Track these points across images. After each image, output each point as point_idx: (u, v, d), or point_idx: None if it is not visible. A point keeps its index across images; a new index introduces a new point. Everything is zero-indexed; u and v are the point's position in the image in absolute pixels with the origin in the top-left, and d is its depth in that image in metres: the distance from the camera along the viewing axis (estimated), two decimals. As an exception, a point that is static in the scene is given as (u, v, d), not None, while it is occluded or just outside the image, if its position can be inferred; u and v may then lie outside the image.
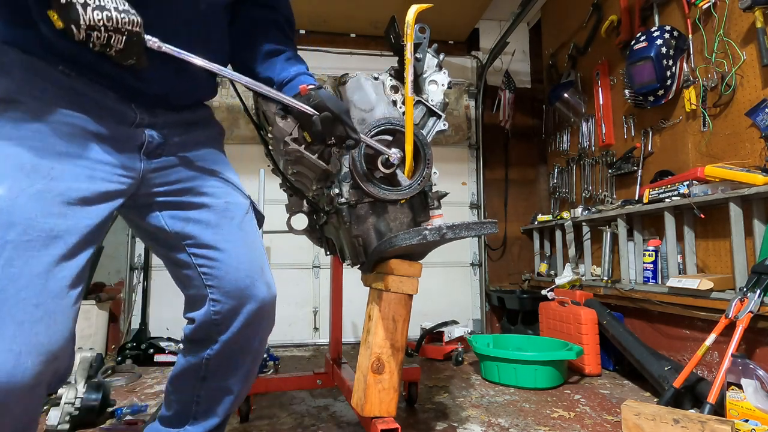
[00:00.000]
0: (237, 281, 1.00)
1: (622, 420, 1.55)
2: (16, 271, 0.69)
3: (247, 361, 1.07)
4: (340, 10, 3.41)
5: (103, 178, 0.84)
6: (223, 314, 0.99)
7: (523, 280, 3.69)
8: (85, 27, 0.71)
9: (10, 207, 0.71)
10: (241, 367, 1.06)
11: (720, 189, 1.91)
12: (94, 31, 0.72)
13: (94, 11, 0.71)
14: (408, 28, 1.23)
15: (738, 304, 1.68)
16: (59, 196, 0.77)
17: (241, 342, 1.03)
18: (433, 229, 1.14)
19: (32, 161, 0.76)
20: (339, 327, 2.07)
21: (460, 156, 3.84)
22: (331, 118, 1.03)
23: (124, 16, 0.74)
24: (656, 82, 2.25)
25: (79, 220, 0.79)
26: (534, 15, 3.83)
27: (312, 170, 1.45)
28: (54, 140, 0.79)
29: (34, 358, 0.68)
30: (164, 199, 0.98)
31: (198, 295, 1.01)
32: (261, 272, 1.05)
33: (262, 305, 1.03)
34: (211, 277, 0.99)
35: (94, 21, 0.72)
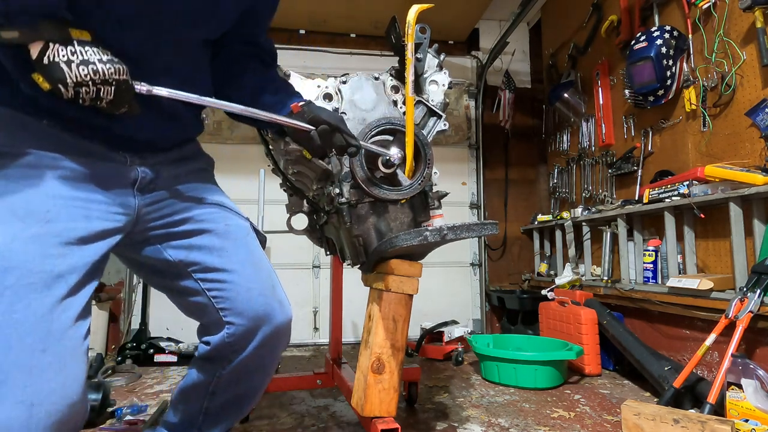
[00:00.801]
0: (250, 301, 0.98)
1: (622, 420, 1.55)
2: (18, 317, 0.67)
3: (259, 378, 1.06)
4: (340, 10, 3.41)
5: (99, 217, 0.83)
6: (239, 336, 0.98)
7: (523, 280, 3.69)
8: (72, 84, 0.70)
9: (5, 252, 0.70)
10: (252, 384, 1.06)
11: (720, 189, 1.91)
12: (83, 86, 0.71)
13: (80, 67, 0.70)
14: (409, 28, 1.24)
15: (738, 304, 1.68)
16: (57, 237, 0.75)
17: (255, 361, 1.02)
18: (434, 230, 1.14)
19: (25, 206, 0.74)
20: (339, 327, 2.07)
21: (460, 156, 3.84)
22: (329, 130, 1.03)
23: (109, 67, 0.73)
24: (656, 82, 2.25)
25: (79, 258, 0.77)
26: (534, 15, 3.83)
27: (312, 170, 1.45)
28: (46, 184, 0.78)
29: (48, 407, 0.65)
30: (162, 232, 0.96)
31: (212, 321, 0.99)
32: (273, 290, 1.03)
33: (278, 327, 1.02)
34: (223, 299, 0.97)
35: (81, 77, 0.70)
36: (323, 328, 3.46)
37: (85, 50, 0.72)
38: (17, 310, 0.67)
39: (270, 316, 1.00)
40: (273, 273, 1.07)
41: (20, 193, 0.75)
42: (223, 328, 0.97)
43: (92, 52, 0.72)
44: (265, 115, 0.99)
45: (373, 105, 1.37)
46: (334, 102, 1.36)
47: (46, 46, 0.69)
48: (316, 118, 1.03)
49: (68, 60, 0.70)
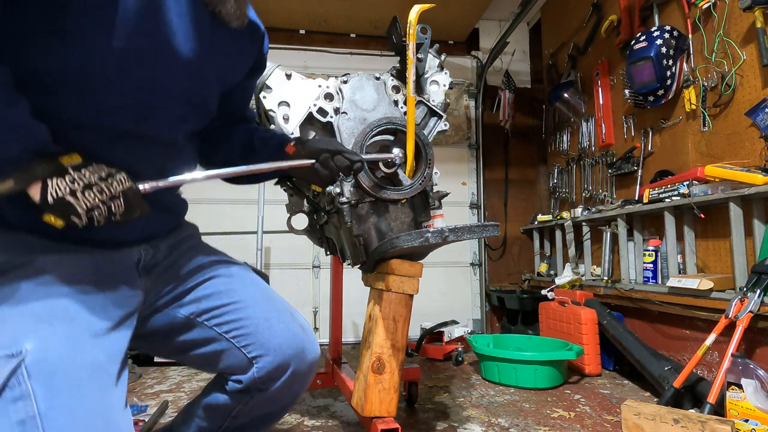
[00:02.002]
0: (270, 330, 0.96)
1: (622, 420, 1.55)
2: (80, 414, 0.67)
3: (286, 401, 1.04)
4: (340, 10, 3.41)
5: (115, 304, 0.82)
6: (270, 369, 0.95)
7: (523, 280, 3.69)
8: (84, 212, 0.69)
9: (44, 357, 0.68)
10: (276, 408, 1.04)
11: (720, 189, 1.91)
12: (94, 210, 0.70)
13: (85, 193, 0.69)
14: (410, 28, 1.24)
15: (738, 304, 1.68)
16: (85, 331, 0.74)
17: (284, 391, 1.00)
18: (435, 232, 1.14)
19: (46, 310, 0.73)
20: (339, 327, 2.07)
21: (460, 156, 3.84)
22: (329, 156, 1.03)
23: (111, 181, 0.72)
24: (656, 82, 2.25)
25: (111, 346, 0.77)
26: (534, 15, 3.83)
27: (313, 170, 1.45)
28: (58, 285, 0.76)
29: None
30: (169, 298, 0.95)
31: (238, 363, 0.95)
32: (292, 317, 1.01)
33: (311, 361, 1.00)
34: (243, 336, 0.95)
35: (90, 203, 0.69)
36: (323, 328, 3.46)
37: (83, 174, 0.70)
38: (76, 408, 0.67)
39: (296, 343, 0.98)
40: (286, 302, 1.05)
41: (37, 299, 0.73)
42: (253, 365, 0.95)
43: (90, 173, 0.71)
44: (268, 167, 0.98)
45: (374, 105, 1.37)
46: (335, 102, 1.36)
47: (45, 185, 0.67)
48: (314, 150, 1.03)
49: (71, 190, 0.68)
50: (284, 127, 1.32)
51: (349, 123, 1.34)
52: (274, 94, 1.34)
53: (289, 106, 1.35)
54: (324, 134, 1.37)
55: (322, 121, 1.35)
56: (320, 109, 1.35)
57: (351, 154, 1.05)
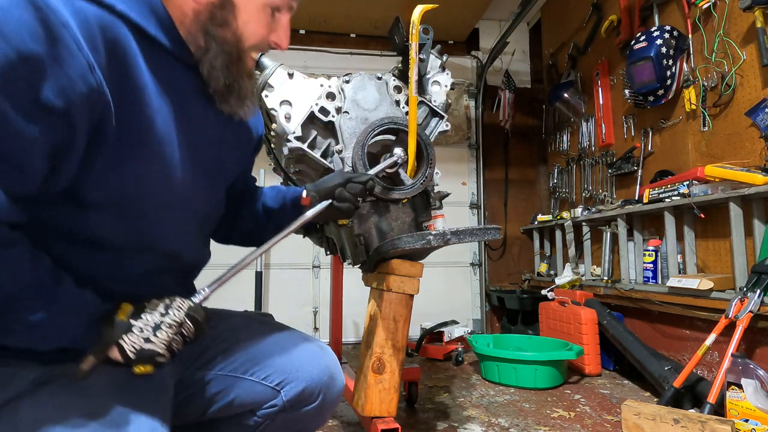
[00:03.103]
0: (289, 357, 0.94)
1: (622, 420, 1.55)
2: None
3: (314, 424, 1.01)
4: (340, 10, 3.41)
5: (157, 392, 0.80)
6: (298, 392, 0.93)
7: (523, 280, 3.69)
8: (164, 349, 0.71)
9: None
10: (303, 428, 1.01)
11: (720, 189, 1.91)
12: (171, 343, 0.72)
13: (157, 334, 0.70)
14: (413, 28, 1.24)
15: (738, 303, 1.68)
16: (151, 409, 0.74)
17: (314, 413, 0.97)
18: (437, 234, 1.15)
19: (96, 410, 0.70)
20: (339, 327, 2.08)
21: (460, 156, 3.84)
22: (342, 188, 1.05)
23: (173, 312, 0.73)
24: (656, 82, 2.25)
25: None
26: (534, 15, 3.83)
27: (314, 169, 1.45)
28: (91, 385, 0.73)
29: None
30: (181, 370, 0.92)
31: (263, 396, 0.92)
32: (307, 340, 0.99)
33: (339, 381, 0.98)
34: (261, 369, 0.92)
35: (166, 340, 0.71)
36: (323, 328, 3.46)
37: (146, 320, 0.71)
38: None
39: (318, 363, 0.96)
40: (300, 331, 1.04)
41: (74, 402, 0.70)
42: (279, 393, 0.92)
43: (150, 314, 0.72)
44: (296, 226, 0.99)
45: (375, 105, 1.37)
46: (336, 101, 1.36)
47: (120, 346, 0.69)
48: (326, 189, 1.05)
49: (146, 338, 0.70)
50: (286, 126, 1.32)
51: (350, 122, 1.34)
52: (276, 93, 1.34)
53: (290, 105, 1.35)
54: (325, 133, 1.37)
55: (324, 121, 1.35)
56: (322, 108, 1.34)
57: (359, 176, 1.07)
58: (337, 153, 1.32)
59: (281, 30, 0.84)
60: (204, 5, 0.75)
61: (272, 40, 0.84)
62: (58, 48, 0.58)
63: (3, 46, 0.55)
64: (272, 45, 0.85)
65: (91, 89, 0.61)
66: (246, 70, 0.83)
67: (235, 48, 0.79)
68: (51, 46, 0.57)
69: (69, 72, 0.59)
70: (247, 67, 0.84)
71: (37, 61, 0.57)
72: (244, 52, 0.81)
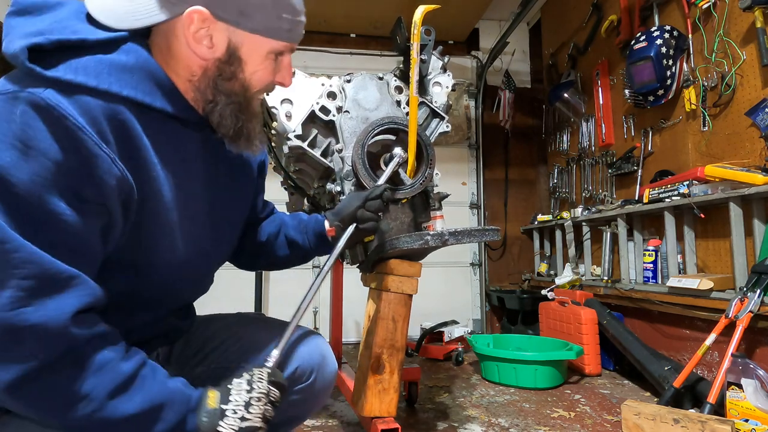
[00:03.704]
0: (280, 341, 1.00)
1: (622, 420, 1.55)
2: None
3: (309, 405, 1.04)
4: (340, 10, 3.41)
5: None
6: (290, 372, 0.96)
7: (523, 280, 3.69)
8: (260, 422, 0.74)
9: None
10: (298, 412, 1.04)
11: (720, 189, 1.91)
12: (264, 413, 0.75)
13: (250, 409, 0.73)
14: (415, 29, 1.24)
15: (738, 303, 1.68)
16: None
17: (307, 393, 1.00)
18: (435, 235, 1.15)
19: None
20: (339, 327, 2.07)
21: (460, 156, 3.84)
22: (361, 207, 1.09)
23: (256, 386, 0.75)
24: (656, 81, 2.25)
25: None
26: (534, 15, 3.83)
27: (314, 168, 1.45)
28: None
29: None
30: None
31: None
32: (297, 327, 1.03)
33: (330, 369, 1.02)
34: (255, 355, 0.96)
35: (259, 415, 0.73)
36: (323, 328, 3.46)
37: (236, 402, 0.74)
38: None
39: (311, 344, 1.00)
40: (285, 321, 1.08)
41: None
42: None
43: (236, 394, 0.74)
44: (333, 262, 1.04)
45: (376, 104, 1.37)
46: (337, 100, 1.36)
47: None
48: (348, 215, 1.09)
49: (241, 417, 0.72)
50: (286, 125, 1.32)
51: (351, 122, 1.34)
52: (277, 91, 1.34)
53: (292, 103, 1.35)
54: (326, 132, 1.37)
55: (324, 120, 1.35)
56: (323, 107, 1.35)
57: (373, 191, 1.11)
58: (337, 152, 1.32)
59: (284, 71, 0.87)
60: (212, 61, 0.78)
61: (277, 81, 0.88)
62: (84, 153, 0.65)
63: (42, 160, 0.63)
64: (277, 85, 0.89)
65: (118, 178, 0.69)
66: (254, 114, 0.86)
67: (243, 96, 0.82)
68: (77, 152, 0.65)
69: (98, 171, 0.66)
70: (255, 111, 0.87)
71: (72, 168, 0.65)
72: (251, 98, 0.84)
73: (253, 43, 0.79)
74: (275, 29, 0.79)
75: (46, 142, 0.63)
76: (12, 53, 0.64)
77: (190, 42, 0.75)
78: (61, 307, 0.64)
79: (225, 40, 0.77)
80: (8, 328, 0.61)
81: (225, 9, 0.75)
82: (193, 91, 0.80)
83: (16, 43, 0.65)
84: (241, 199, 1.01)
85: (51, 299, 0.63)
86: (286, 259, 1.15)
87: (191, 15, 0.73)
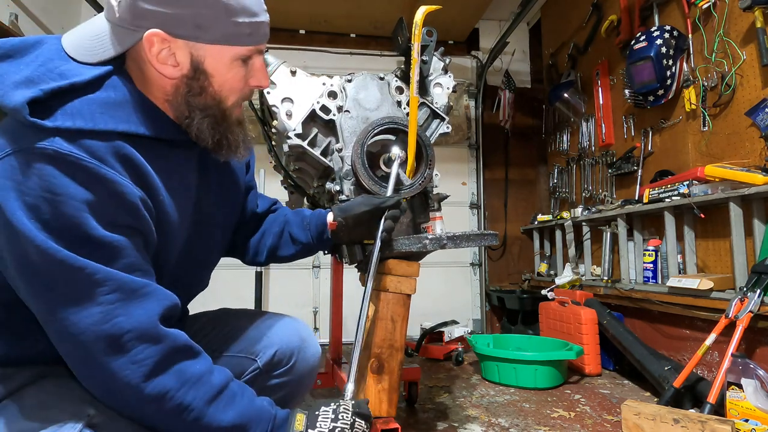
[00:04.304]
0: (259, 329, 1.03)
1: (622, 420, 1.55)
2: None
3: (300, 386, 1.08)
4: (340, 10, 3.41)
5: None
6: (272, 356, 1.01)
7: (523, 280, 3.69)
8: None
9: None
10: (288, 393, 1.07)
11: (720, 189, 1.91)
12: None
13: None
14: (416, 29, 1.24)
15: (738, 303, 1.68)
16: None
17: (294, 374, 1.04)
18: (433, 239, 1.16)
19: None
20: (339, 327, 2.07)
21: (460, 156, 3.84)
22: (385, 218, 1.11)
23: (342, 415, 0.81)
24: (656, 81, 2.25)
25: None
26: (534, 15, 3.83)
27: (314, 167, 1.45)
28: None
29: None
30: None
31: (240, 369, 1.00)
32: (277, 315, 1.08)
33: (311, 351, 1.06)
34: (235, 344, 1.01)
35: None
36: (323, 328, 3.46)
37: (320, 426, 0.79)
38: None
39: (291, 330, 1.04)
40: (268, 311, 1.13)
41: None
42: (255, 361, 1.00)
43: (323, 421, 0.79)
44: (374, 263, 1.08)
45: (377, 104, 1.37)
46: (338, 100, 1.36)
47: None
48: (352, 215, 1.11)
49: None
50: (287, 123, 1.32)
51: (351, 122, 1.34)
52: (278, 90, 1.34)
53: (292, 102, 1.35)
54: (326, 131, 1.37)
55: (325, 119, 1.35)
56: (323, 106, 1.35)
57: (387, 201, 1.12)
58: (337, 151, 1.32)
59: (258, 73, 0.88)
60: (180, 79, 0.80)
61: (253, 85, 0.88)
62: (107, 185, 0.71)
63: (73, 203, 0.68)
64: (254, 89, 0.90)
65: (142, 199, 0.75)
66: (233, 123, 0.88)
67: (218, 109, 0.84)
68: (102, 186, 0.71)
69: (125, 196, 0.73)
70: (235, 119, 0.88)
71: (101, 202, 0.70)
72: (227, 110, 0.86)
73: (216, 54, 0.80)
74: (235, 35, 0.80)
75: (70, 187, 0.68)
76: (13, 108, 0.67)
77: (155, 64, 0.77)
78: (147, 311, 0.72)
79: (188, 56, 0.78)
80: (109, 338, 0.69)
81: (180, 26, 0.76)
82: (172, 111, 0.83)
83: (12, 96, 0.67)
84: (231, 203, 1.04)
85: (136, 307, 0.71)
86: (291, 257, 1.17)
87: (149, 38, 0.75)
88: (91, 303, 0.68)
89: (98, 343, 0.68)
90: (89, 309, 0.68)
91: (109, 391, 0.71)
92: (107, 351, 0.69)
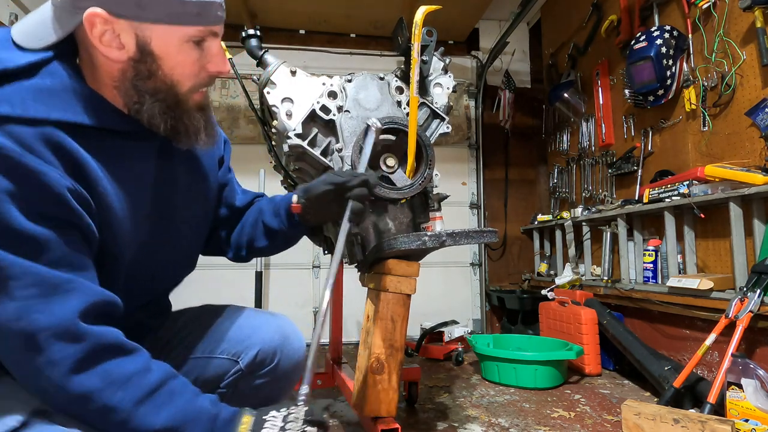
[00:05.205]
0: (241, 330, 1.02)
1: (622, 420, 1.55)
2: None
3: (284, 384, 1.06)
4: (340, 10, 3.41)
5: None
6: (254, 357, 0.99)
7: (523, 280, 3.69)
8: None
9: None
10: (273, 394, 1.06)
11: (720, 189, 1.91)
12: None
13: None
14: (416, 29, 1.24)
15: (738, 303, 1.68)
16: None
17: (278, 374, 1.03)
18: (433, 236, 1.15)
19: None
20: (339, 327, 2.07)
21: (460, 156, 3.84)
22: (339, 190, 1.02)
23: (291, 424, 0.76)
24: (656, 81, 2.25)
25: None
26: (534, 15, 3.82)
27: (314, 167, 1.45)
28: None
29: None
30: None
31: (223, 369, 0.99)
32: (260, 312, 1.07)
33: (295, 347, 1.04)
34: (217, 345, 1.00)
35: None
36: (323, 329, 3.45)
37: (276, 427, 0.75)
38: None
39: (273, 328, 1.02)
40: (250, 308, 1.11)
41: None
42: (237, 363, 0.99)
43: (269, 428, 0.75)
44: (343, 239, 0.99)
45: (377, 104, 1.37)
46: (338, 100, 1.36)
47: None
48: (314, 195, 1.04)
49: None
50: (287, 123, 1.32)
51: (351, 122, 1.34)
52: (278, 90, 1.34)
53: (292, 102, 1.35)
54: (326, 131, 1.37)
55: (325, 119, 1.35)
56: (323, 106, 1.35)
57: (350, 181, 1.02)
58: (337, 151, 1.32)
59: (216, 58, 0.83)
60: (126, 63, 0.76)
61: (212, 71, 0.83)
62: (31, 175, 0.67)
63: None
64: (214, 75, 0.84)
65: (71, 189, 0.70)
66: (190, 109, 0.84)
67: (171, 94, 0.80)
68: (25, 176, 0.66)
69: (51, 186, 0.68)
70: (192, 105, 0.84)
71: (25, 192, 0.66)
72: (183, 96, 0.82)
73: (162, 34, 0.75)
74: (180, 14, 0.75)
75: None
76: None
77: (100, 47, 0.74)
78: (67, 308, 0.68)
79: (133, 38, 0.74)
80: (25, 335, 0.66)
81: (120, 4, 0.72)
82: (121, 97, 0.79)
83: None
84: (201, 197, 1.00)
85: (56, 303, 0.67)
86: (270, 248, 1.12)
87: (90, 19, 0.71)
88: (6, 297, 0.65)
89: (15, 339, 0.66)
90: (4, 304, 0.65)
91: (37, 388, 0.69)
92: (25, 349, 0.66)
